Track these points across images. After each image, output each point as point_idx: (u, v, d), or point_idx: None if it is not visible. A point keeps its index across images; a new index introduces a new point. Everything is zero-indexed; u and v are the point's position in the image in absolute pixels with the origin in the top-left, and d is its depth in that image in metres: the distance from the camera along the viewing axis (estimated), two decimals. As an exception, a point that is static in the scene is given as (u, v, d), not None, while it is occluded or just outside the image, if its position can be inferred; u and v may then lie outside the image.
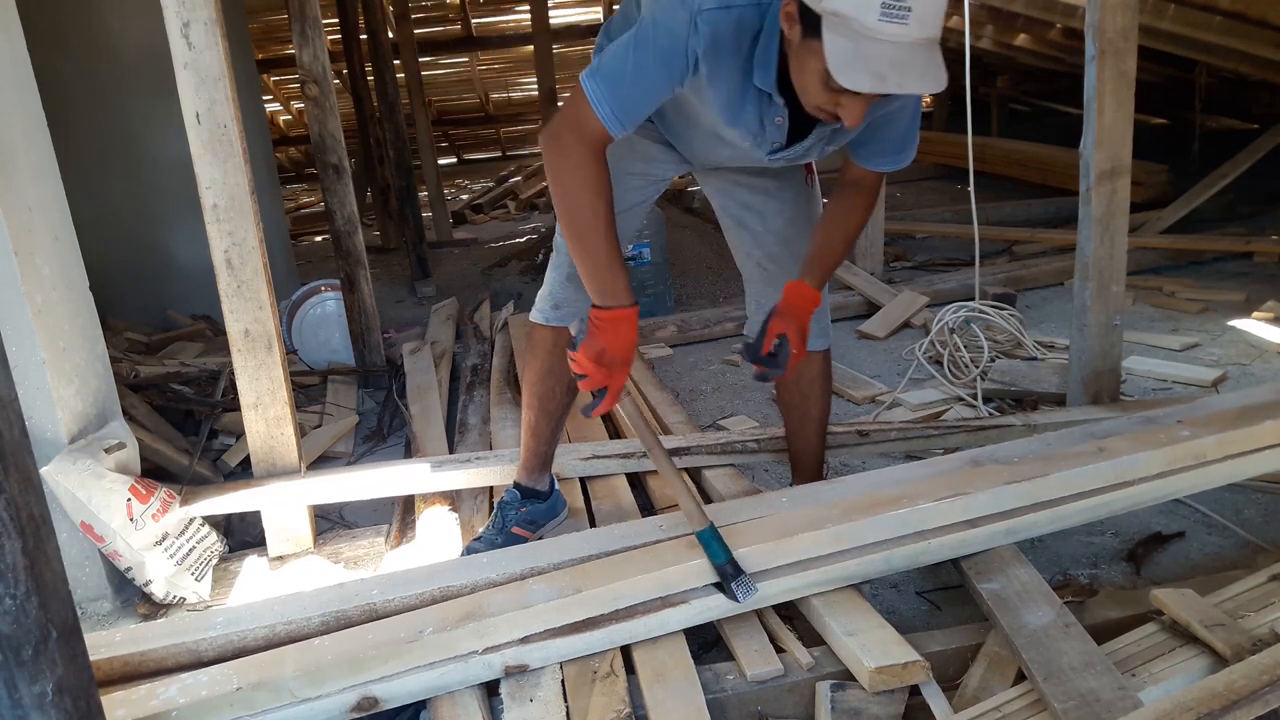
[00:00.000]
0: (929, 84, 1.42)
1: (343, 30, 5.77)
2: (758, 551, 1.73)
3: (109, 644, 1.65)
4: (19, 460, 0.97)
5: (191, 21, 2.07)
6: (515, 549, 1.89)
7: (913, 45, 1.38)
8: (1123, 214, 2.54)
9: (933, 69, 1.41)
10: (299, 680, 1.53)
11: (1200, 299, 3.86)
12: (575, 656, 1.63)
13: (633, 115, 1.61)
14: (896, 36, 1.36)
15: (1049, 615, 1.62)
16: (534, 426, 2.13)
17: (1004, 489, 1.87)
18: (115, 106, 4.09)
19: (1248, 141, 5.17)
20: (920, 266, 4.82)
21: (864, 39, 1.37)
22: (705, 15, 1.52)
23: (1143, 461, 1.93)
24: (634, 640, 1.66)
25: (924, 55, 1.40)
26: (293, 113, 10.57)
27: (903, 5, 1.35)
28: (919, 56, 1.39)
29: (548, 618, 1.63)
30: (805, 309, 1.83)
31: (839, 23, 1.38)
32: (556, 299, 2.02)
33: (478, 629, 1.60)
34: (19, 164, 1.97)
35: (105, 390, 2.21)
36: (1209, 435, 1.99)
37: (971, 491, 1.85)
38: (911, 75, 1.40)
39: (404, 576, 1.82)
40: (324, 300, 3.74)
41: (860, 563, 1.76)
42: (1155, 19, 4.63)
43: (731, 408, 3.15)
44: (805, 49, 1.46)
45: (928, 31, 1.39)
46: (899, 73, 1.38)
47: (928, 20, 1.38)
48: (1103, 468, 1.91)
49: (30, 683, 0.99)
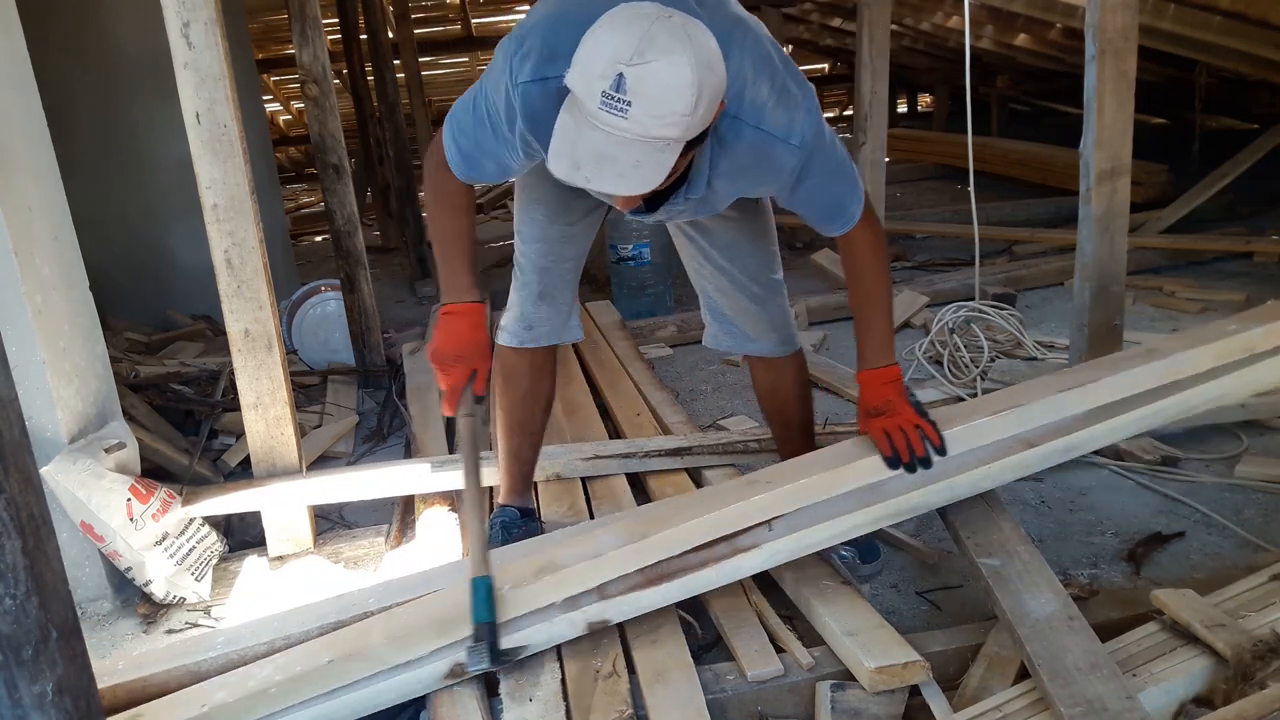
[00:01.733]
0: (625, 186, 1.34)
1: (343, 30, 5.77)
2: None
3: (111, 673, 1.65)
4: (19, 460, 0.97)
5: (191, 21, 2.07)
6: (524, 543, 1.90)
7: (630, 141, 1.30)
8: (1123, 214, 2.54)
9: (639, 170, 1.32)
10: (388, 646, 1.57)
11: (1200, 299, 3.86)
12: (653, 609, 1.68)
13: (476, 170, 1.64)
14: (615, 129, 1.29)
15: (1053, 604, 1.60)
16: (517, 451, 2.10)
17: (1060, 398, 1.85)
18: (116, 106, 4.09)
19: (1248, 141, 5.17)
20: (920, 266, 4.82)
21: (584, 125, 1.32)
22: (520, 89, 1.48)
23: (1191, 358, 1.93)
24: (710, 588, 1.71)
25: (638, 153, 1.31)
26: (293, 113, 10.56)
27: (622, 99, 1.27)
28: (631, 154, 1.31)
29: (621, 563, 1.66)
30: (887, 393, 1.76)
31: (573, 102, 1.33)
32: (529, 320, 1.99)
33: (554, 581, 1.64)
34: (19, 164, 1.97)
35: (105, 390, 2.21)
36: (1256, 327, 1.99)
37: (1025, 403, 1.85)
38: (608, 173, 1.33)
39: (400, 583, 1.82)
40: (324, 300, 3.74)
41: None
42: (1155, 19, 4.63)
43: (731, 408, 3.15)
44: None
45: (652, 131, 1.29)
46: (597, 166, 1.32)
47: (651, 121, 1.28)
48: (1154, 367, 1.91)
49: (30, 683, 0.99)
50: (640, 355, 3.42)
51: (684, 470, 2.43)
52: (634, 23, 1.30)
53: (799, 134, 1.52)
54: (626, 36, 1.29)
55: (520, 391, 2.04)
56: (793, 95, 1.53)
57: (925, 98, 12.16)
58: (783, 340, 2.03)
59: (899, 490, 1.79)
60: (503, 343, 2.03)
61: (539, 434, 2.11)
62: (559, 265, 1.96)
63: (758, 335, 2.02)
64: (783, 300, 2.03)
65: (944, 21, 7.14)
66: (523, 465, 2.14)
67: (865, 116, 4.26)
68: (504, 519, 2.11)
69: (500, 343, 2.03)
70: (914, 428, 1.72)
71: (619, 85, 1.27)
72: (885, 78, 4.24)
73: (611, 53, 1.28)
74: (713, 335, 2.09)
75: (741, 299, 1.99)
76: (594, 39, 1.32)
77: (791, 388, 2.09)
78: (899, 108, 12.13)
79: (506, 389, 2.06)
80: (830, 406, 3.08)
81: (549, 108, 1.41)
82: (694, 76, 1.29)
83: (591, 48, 1.31)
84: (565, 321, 2.01)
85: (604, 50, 1.29)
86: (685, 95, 1.28)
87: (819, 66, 12.30)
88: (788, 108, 1.52)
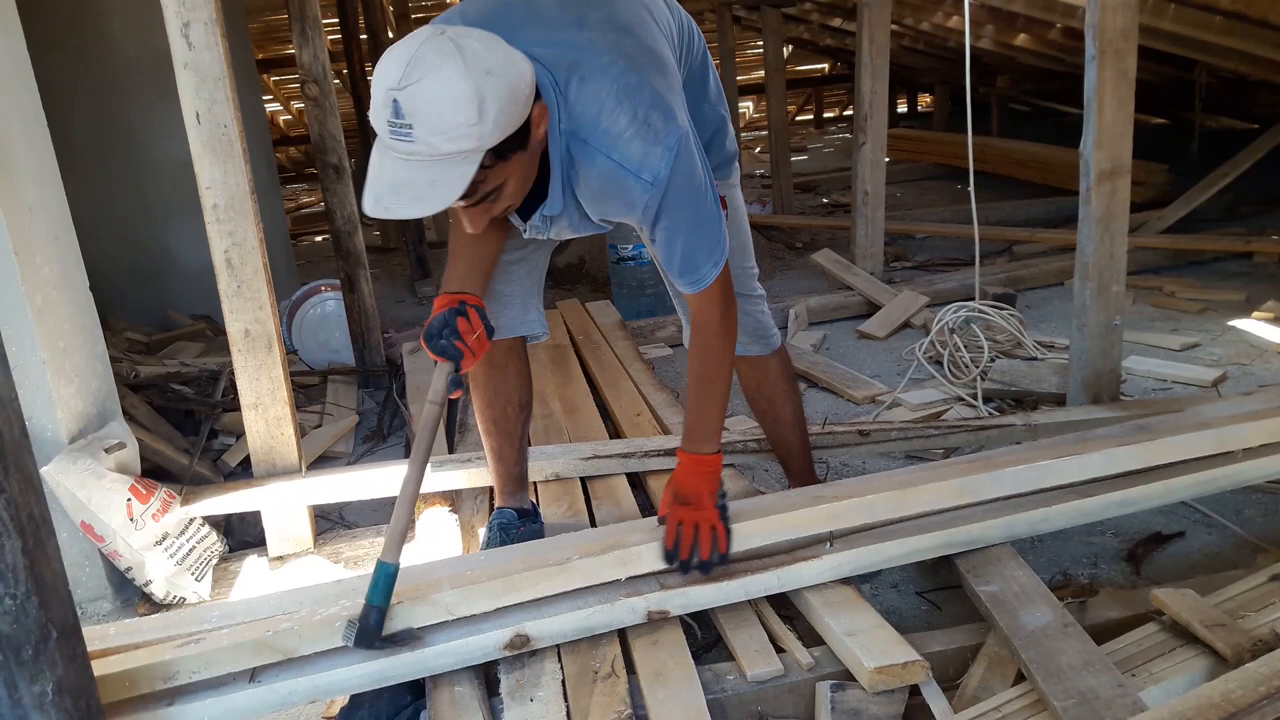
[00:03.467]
0: (423, 207, 1.34)
1: (343, 30, 5.77)
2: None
3: (103, 638, 1.64)
4: (19, 460, 0.98)
5: (191, 21, 2.07)
6: (532, 544, 1.89)
7: (424, 163, 1.32)
8: (1123, 214, 2.53)
9: (436, 189, 1.33)
10: (454, 597, 1.61)
11: (1200, 299, 3.86)
12: (714, 606, 1.72)
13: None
14: (407, 154, 1.31)
15: (1048, 616, 1.62)
16: (499, 451, 2.09)
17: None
18: (116, 106, 4.09)
19: (1248, 141, 5.17)
20: (920, 266, 4.82)
21: (384, 156, 1.34)
22: None
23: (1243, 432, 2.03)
24: (767, 592, 1.74)
25: (433, 173, 1.32)
26: (293, 113, 10.57)
27: (403, 124, 1.29)
28: (426, 175, 1.32)
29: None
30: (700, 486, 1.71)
31: (379, 138, 1.35)
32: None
33: (621, 557, 1.69)
34: (19, 164, 1.97)
35: (105, 390, 2.21)
36: None
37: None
38: (405, 198, 1.33)
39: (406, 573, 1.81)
40: (324, 300, 3.74)
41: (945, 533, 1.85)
42: (1155, 19, 4.63)
43: (731, 408, 3.12)
44: None
45: (442, 148, 1.30)
46: (394, 195, 1.33)
47: (436, 139, 1.30)
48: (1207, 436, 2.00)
49: (30, 682, 0.99)
50: (640, 355, 3.42)
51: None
52: (402, 48, 1.32)
53: (652, 170, 1.48)
54: (394, 64, 1.30)
55: (489, 390, 2.01)
56: (655, 131, 1.48)
57: (925, 98, 12.17)
58: (759, 339, 2.04)
59: (960, 521, 1.85)
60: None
61: (516, 434, 2.08)
62: (504, 275, 1.92)
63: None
64: (760, 301, 2.03)
65: (944, 21, 7.13)
66: (508, 466, 2.11)
67: (865, 116, 4.26)
68: (501, 520, 2.10)
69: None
70: (709, 529, 1.69)
71: (396, 111, 1.29)
72: (885, 78, 4.24)
73: (384, 81, 1.30)
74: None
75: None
76: (377, 70, 1.33)
77: (776, 383, 2.10)
78: (899, 108, 12.14)
79: (474, 389, 2.04)
80: (830, 406, 3.08)
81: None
82: (468, 86, 1.29)
83: (374, 81, 1.34)
84: (521, 315, 1.97)
85: (380, 81, 1.31)
86: (462, 106, 1.29)
87: (819, 66, 12.31)
88: (645, 141, 1.48)
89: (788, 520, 1.79)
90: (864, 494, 1.84)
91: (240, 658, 1.54)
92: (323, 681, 1.54)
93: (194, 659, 1.51)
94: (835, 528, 1.82)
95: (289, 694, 1.53)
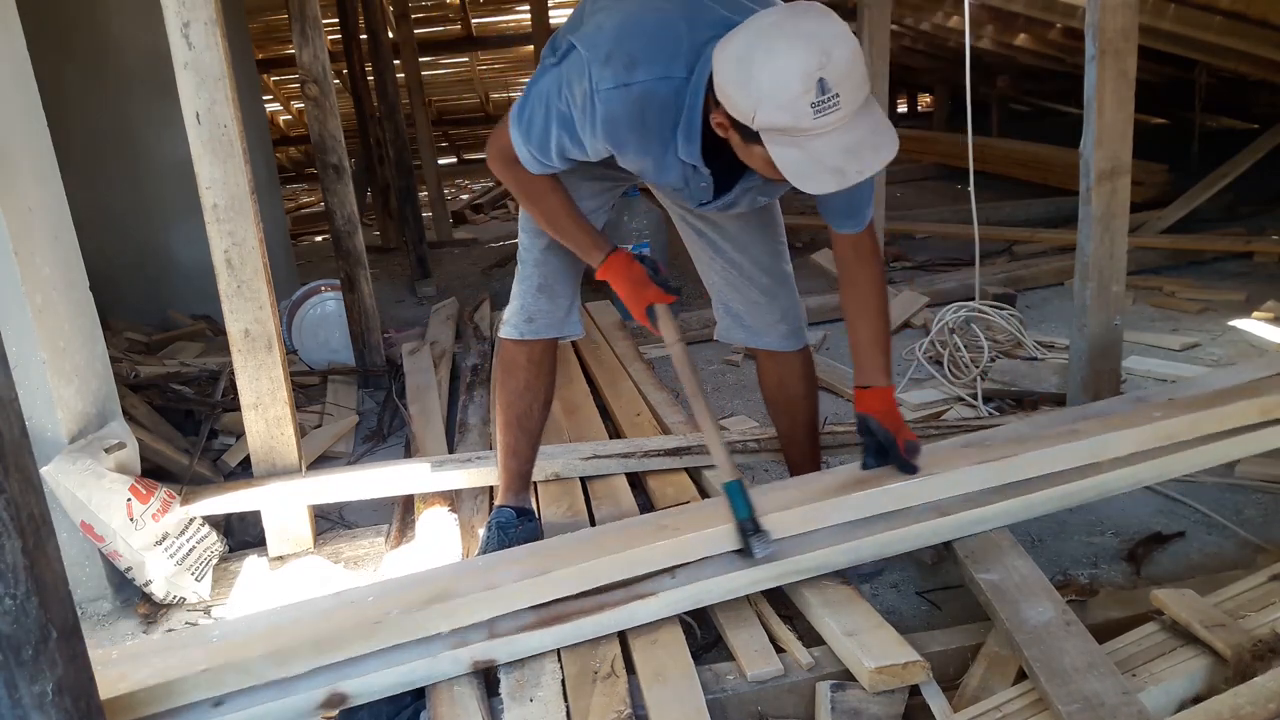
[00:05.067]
0: (883, 153, 1.41)
1: (343, 30, 5.76)
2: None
3: (105, 663, 1.61)
4: (19, 460, 0.98)
5: (191, 21, 2.07)
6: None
7: (853, 122, 1.37)
8: (1123, 214, 2.54)
9: (880, 135, 1.41)
10: (265, 661, 1.52)
11: (1200, 299, 3.86)
12: (541, 651, 1.63)
13: (549, 164, 1.69)
14: (836, 124, 1.36)
15: (1050, 611, 1.61)
16: (514, 447, 2.11)
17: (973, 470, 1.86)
18: (116, 107, 4.09)
19: (1248, 141, 5.17)
20: (920, 266, 4.82)
21: (809, 140, 1.37)
22: (601, 94, 1.53)
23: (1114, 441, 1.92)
24: (601, 634, 1.65)
25: (868, 125, 1.39)
26: (293, 113, 10.56)
27: (830, 95, 1.34)
28: (864, 129, 1.39)
29: (515, 599, 1.63)
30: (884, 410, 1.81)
31: (778, 134, 1.38)
32: (529, 312, 2.01)
33: (444, 610, 1.60)
34: (19, 164, 1.97)
35: (105, 390, 2.21)
36: (1183, 415, 1.97)
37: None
38: (865, 154, 1.40)
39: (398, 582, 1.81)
40: (324, 300, 3.74)
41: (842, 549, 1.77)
42: (1155, 19, 4.63)
43: (731, 408, 3.15)
44: (749, 149, 1.47)
45: (859, 101, 1.37)
46: (854, 159, 1.39)
47: (854, 93, 1.36)
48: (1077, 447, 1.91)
49: (30, 682, 0.99)
50: (640, 355, 3.42)
51: (684, 470, 2.43)
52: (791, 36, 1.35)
53: None
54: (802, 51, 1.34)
55: (519, 384, 2.05)
56: None
57: (925, 98, 12.17)
58: (792, 332, 2.05)
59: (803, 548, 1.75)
60: (503, 335, 2.06)
61: (536, 432, 2.11)
62: (558, 259, 1.98)
63: (767, 328, 2.04)
64: (793, 291, 2.06)
65: (944, 21, 7.14)
66: (521, 463, 2.14)
67: (865, 116, 4.25)
68: (500, 520, 2.11)
69: (501, 335, 2.07)
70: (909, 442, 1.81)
71: (823, 88, 1.33)
72: (885, 78, 4.24)
73: (800, 68, 1.33)
74: (725, 329, 2.11)
75: (752, 291, 2.02)
76: (766, 70, 1.35)
77: (799, 383, 2.11)
78: (899, 108, 12.14)
79: (505, 382, 2.08)
80: (830, 406, 3.08)
81: (629, 113, 1.53)
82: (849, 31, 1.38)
83: (772, 82, 1.35)
84: (565, 316, 2.03)
85: (790, 74, 1.34)
86: (860, 51, 1.38)
87: (819, 66, 12.28)
88: None
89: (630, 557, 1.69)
90: (703, 528, 1.73)
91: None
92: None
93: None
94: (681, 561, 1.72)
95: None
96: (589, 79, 1.53)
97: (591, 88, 1.53)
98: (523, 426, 2.08)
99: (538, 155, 1.70)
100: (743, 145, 1.48)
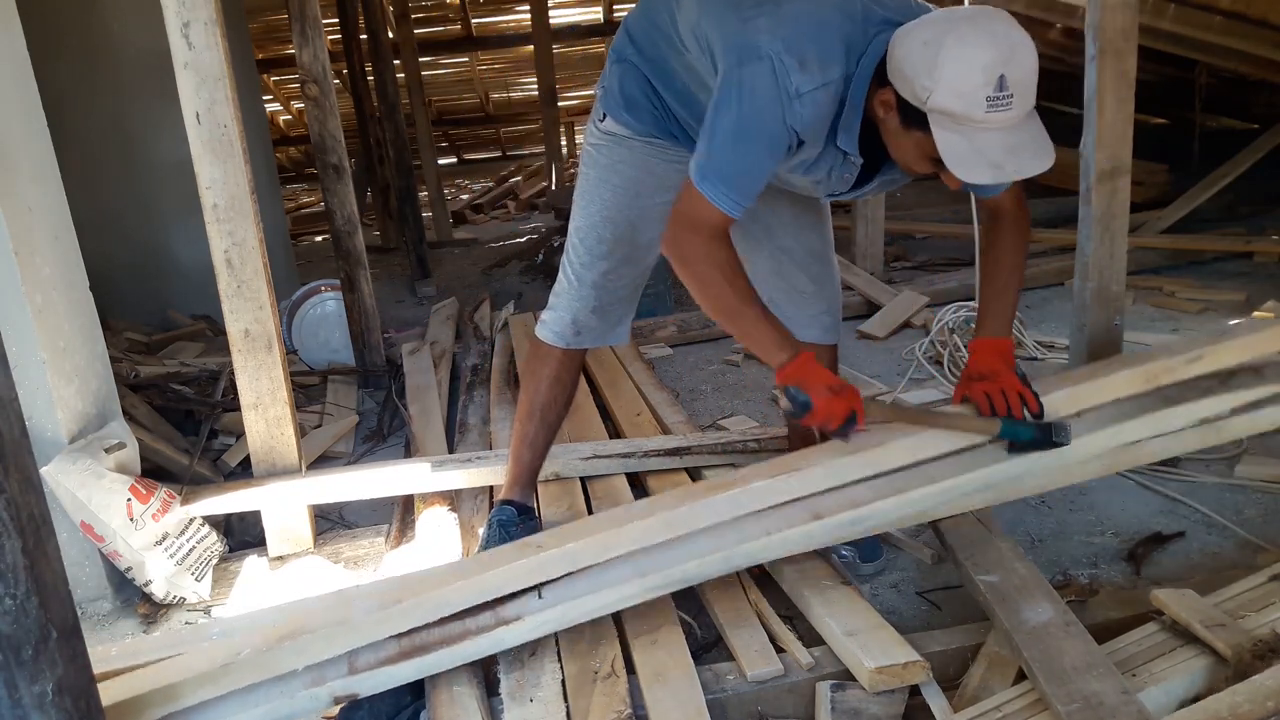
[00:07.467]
0: (1042, 160, 1.48)
1: (343, 30, 5.77)
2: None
3: (105, 660, 1.62)
4: (19, 460, 0.97)
5: (191, 21, 2.07)
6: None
7: (1019, 125, 1.45)
8: (1123, 214, 2.53)
9: (1041, 143, 1.48)
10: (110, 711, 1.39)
11: (1200, 299, 3.85)
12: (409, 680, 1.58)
13: (752, 196, 1.66)
14: (1004, 123, 1.43)
15: (1050, 612, 1.61)
16: (531, 439, 2.09)
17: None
18: (115, 107, 4.09)
19: (1248, 141, 5.16)
20: (920, 266, 4.82)
21: (975, 131, 1.44)
22: (807, 98, 1.56)
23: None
24: (460, 663, 1.59)
25: (1031, 132, 1.47)
26: (293, 113, 10.56)
27: (1005, 94, 1.41)
28: (1026, 134, 1.46)
29: (368, 631, 1.57)
30: (995, 363, 1.78)
31: (947, 119, 1.44)
32: (580, 326, 1.99)
33: (296, 648, 1.53)
34: (19, 164, 1.97)
35: (105, 390, 2.21)
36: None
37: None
38: (1025, 156, 1.46)
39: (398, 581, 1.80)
40: (324, 300, 3.74)
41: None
42: (1155, 19, 4.63)
43: (731, 408, 3.15)
44: (906, 133, 1.52)
45: (1028, 107, 1.45)
46: (1014, 158, 1.45)
47: (1026, 98, 1.44)
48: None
49: (30, 683, 0.99)
50: (640, 355, 3.42)
51: (684, 470, 2.43)
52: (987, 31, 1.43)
53: None
54: (988, 46, 1.41)
55: (550, 373, 2.04)
56: None
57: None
58: (834, 324, 2.08)
59: (675, 560, 1.67)
60: (544, 339, 2.03)
61: (555, 426, 2.11)
62: (623, 286, 1.99)
63: (810, 320, 2.05)
64: (838, 283, 2.08)
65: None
66: (534, 456, 2.13)
67: (865, 116, 4.25)
68: (501, 518, 2.10)
69: (539, 335, 2.04)
70: (1015, 393, 1.75)
71: (1001, 85, 1.41)
72: (885, 78, 4.24)
73: (983, 61, 1.40)
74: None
75: (800, 279, 2.03)
76: (953, 55, 1.41)
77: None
78: (899, 108, 12.12)
79: (537, 371, 2.06)
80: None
81: (826, 107, 1.58)
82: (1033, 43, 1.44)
83: (956, 68, 1.41)
84: (615, 327, 2.04)
85: (975, 64, 1.41)
86: (1037, 64, 1.44)
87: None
88: None
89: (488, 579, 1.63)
90: (564, 543, 1.67)
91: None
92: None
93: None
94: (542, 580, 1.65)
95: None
96: (788, 85, 1.55)
97: (793, 93, 1.55)
98: (544, 418, 2.07)
99: (743, 198, 1.63)
100: (899, 129, 1.53)
